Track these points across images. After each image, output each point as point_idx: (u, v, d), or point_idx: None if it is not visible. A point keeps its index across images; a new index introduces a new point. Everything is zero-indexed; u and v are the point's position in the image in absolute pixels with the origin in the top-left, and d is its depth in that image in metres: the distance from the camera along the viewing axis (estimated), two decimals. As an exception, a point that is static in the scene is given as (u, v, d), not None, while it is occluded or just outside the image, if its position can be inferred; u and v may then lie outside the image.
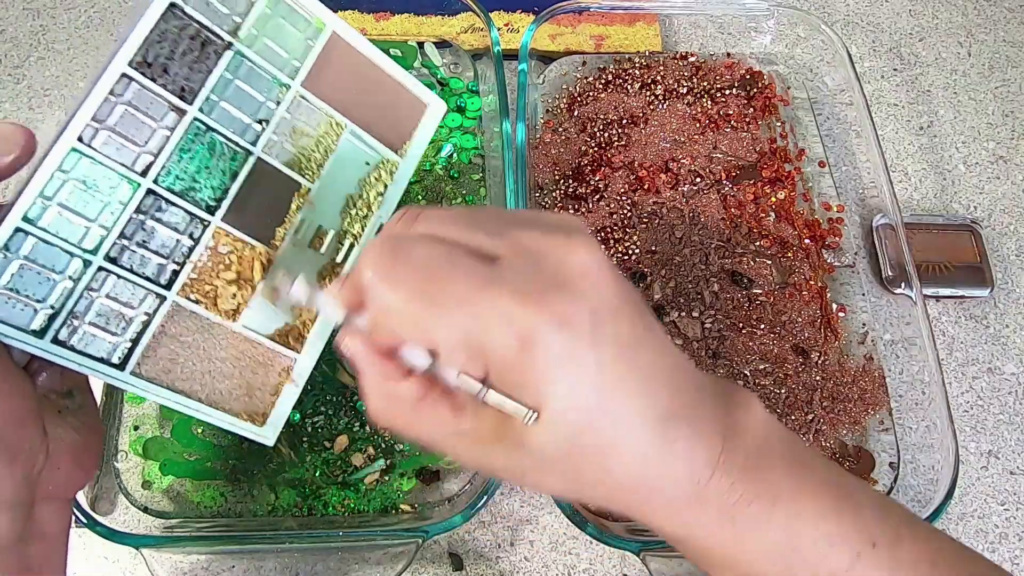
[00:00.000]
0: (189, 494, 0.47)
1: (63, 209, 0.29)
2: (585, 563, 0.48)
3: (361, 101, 0.36)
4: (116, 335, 0.30)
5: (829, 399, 0.51)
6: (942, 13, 0.72)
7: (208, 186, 0.32)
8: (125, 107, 0.30)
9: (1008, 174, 0.64)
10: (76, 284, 0.29)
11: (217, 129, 0.32)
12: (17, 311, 0.28)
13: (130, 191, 0.30)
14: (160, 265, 0.31)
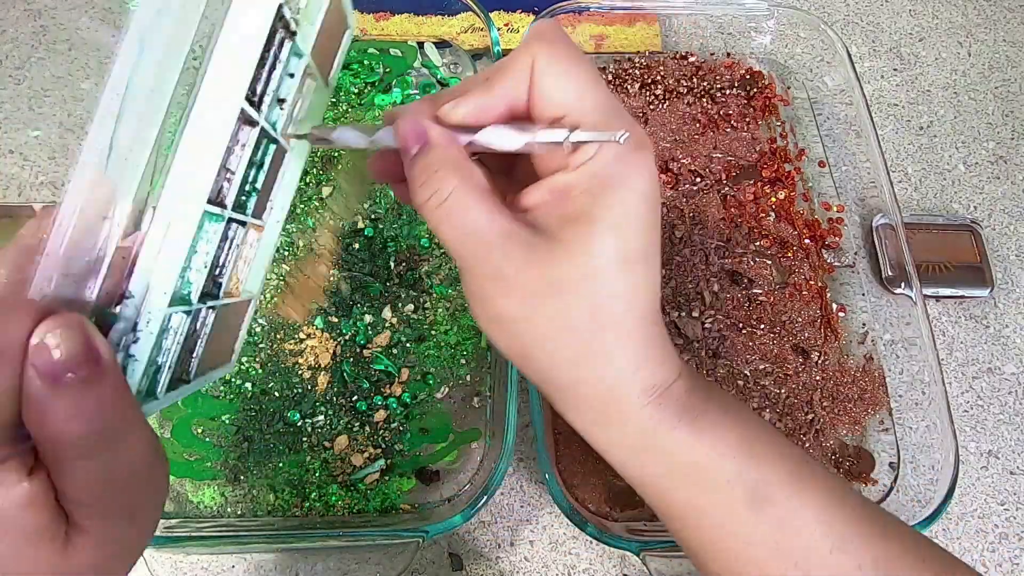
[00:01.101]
0: (189, 494, 0.47)
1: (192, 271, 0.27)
2: (585, 563, 0.48)
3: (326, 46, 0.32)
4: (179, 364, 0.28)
5: (829, 399, 0.51)
6: (942, 13, 0.72)
7: (253, 190, 0.30)
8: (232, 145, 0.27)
9: (1008, 174, 0.64)
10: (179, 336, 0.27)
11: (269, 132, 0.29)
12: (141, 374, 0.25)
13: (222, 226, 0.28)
14: (215, 280, 0.30)
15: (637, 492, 0.30)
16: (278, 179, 0.32)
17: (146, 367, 0.25)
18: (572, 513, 0.43)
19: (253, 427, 0.49)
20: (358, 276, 0.53)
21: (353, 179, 0.57)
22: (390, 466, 0.48)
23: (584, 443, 0.49)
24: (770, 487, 0.28)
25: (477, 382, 0.51)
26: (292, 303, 0.53)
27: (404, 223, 0.55)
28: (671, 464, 0.29)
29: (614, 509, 0.47)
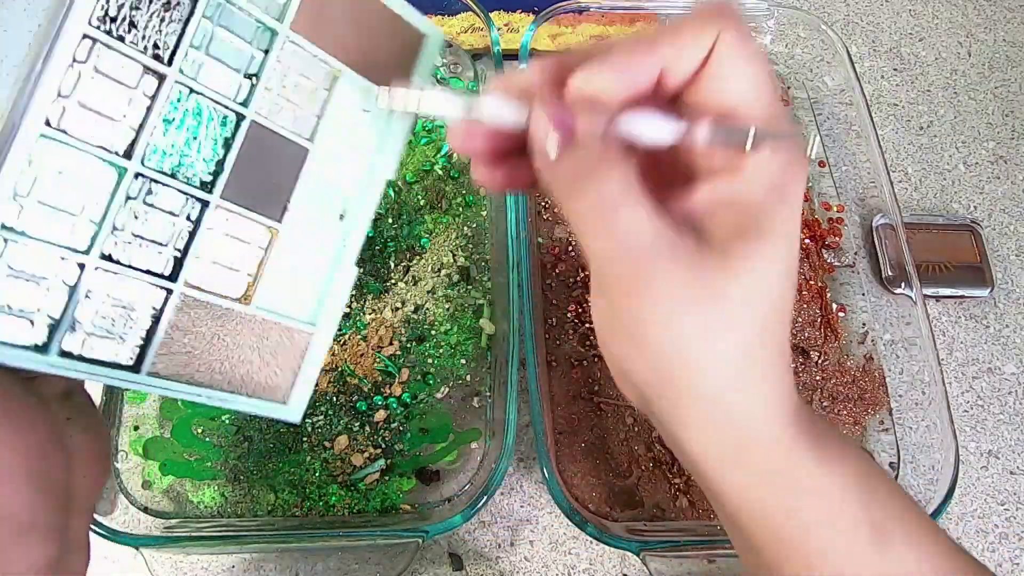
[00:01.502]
0: (189, 494, 0.47)
1: (42, 206, 0.25)
2: (585, 563, 0.48)
3: (356, 40, 0.31)
4: (125, 337, 0.28)
5: (829, 399, 0.51)
6: (942, 13, 0.72)
7: (200, 159, 0.28)
8: (92, 74, 0.25)
9: (1008, 174, 0.64)
10: (73, 289, 0.26)
11: (202, 92, 0.28)
12: (14, 328, 0.25)
13: (115, 177, 0.26)
14: (160, 255, 0.28)
15: (742, 530, 0.27)
16: (299, 179, 0.31)
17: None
18: (572, 513, 0.43)
19: (253, 427, 0.49)
20: (358, 276, 0.53)
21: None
22: (390, 466, 0.48)
23: (584, 443, 0.49)
24: (890, 524, 0.26)
25: (477, 382, 0.51)
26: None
27: (404, 223, 0.55)
28: (799, 496, 0.26)
29: (614, 509, 0.47)
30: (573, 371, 0.51)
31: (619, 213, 0.24)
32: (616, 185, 0.24)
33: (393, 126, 0.33)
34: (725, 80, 0.25)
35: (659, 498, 0.48)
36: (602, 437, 0.49)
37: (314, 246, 0.32)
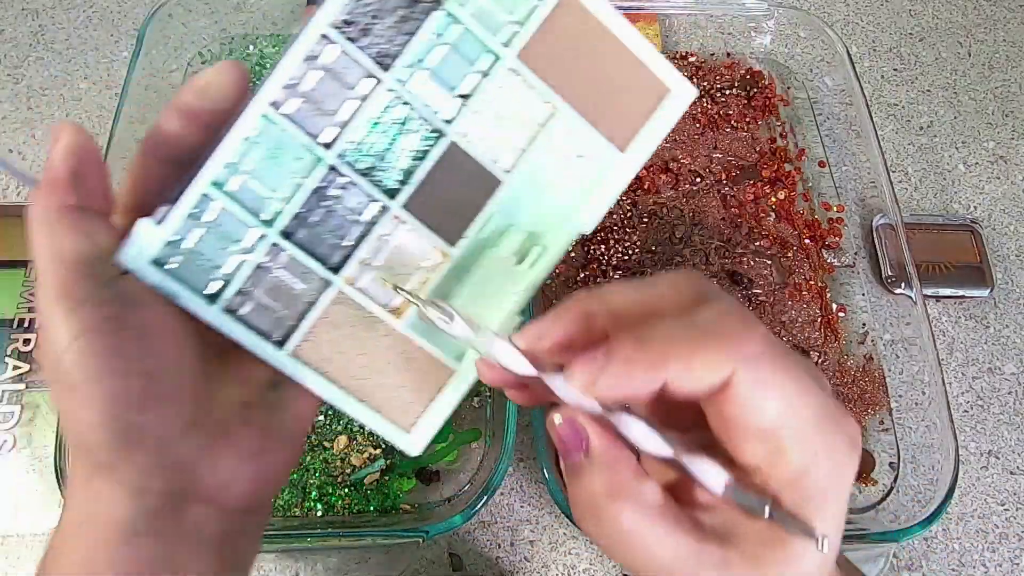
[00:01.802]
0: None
1: (250, 177, 0.27)
2: (585, 563, 0.48)
3: (585, 80, 0.30)
4: (280, 313, 0.28)
5: (829, 399, 0.51)
6: (942, 13, 0.72)
7: (395, 167, 0.29)
8: (323, 72, 0.27)
9: (1008, 174, 0.64)
10: (250, 255, 0.28)
11: (412, 103, 0.28)
12: (196, 275, 0.27)
13: (313, 165, 0.28)
14: (332, 246, 0.29)
15: None
16: (484, 210, 0.30)
17: (173, 242, 0.27)
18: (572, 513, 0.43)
19: (253, 427, 0.49)
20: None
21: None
22: (390, 466, 0.48)
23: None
24: None
25: (476, 382, 0.50)
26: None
27: (404, 223, 0.55)
28: None
29: (614, 509, 0.47)
30: (573, 371, 0.51)
31: (635, 538, 0.24)
32: (631, 513, 0.24)
33: (609, 179, 0.31)
34: (749, 419, 0.23)
35: (659, 498, 0.48)
36: (602, 437, 0.49)
37: (480, 283, 0.30)
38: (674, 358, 0.23)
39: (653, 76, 0.30)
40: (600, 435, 0.25)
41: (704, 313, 0.24)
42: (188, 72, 0.62)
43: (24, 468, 0.48)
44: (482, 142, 0.29)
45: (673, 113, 0.30)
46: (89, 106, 0.63)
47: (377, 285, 0.29)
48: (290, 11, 0.66)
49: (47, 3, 0.67)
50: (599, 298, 0.26)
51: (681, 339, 0.23)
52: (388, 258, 0.29)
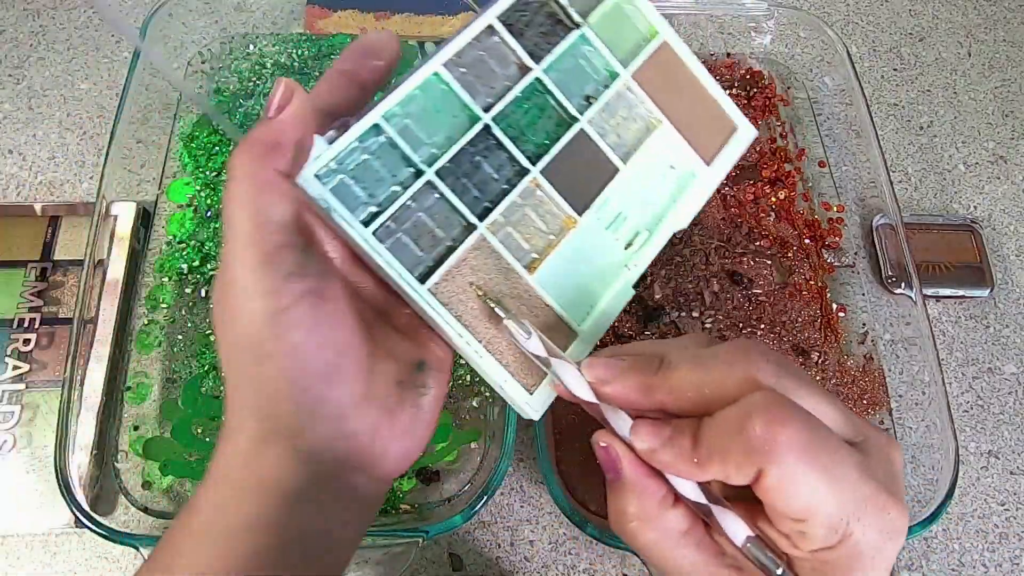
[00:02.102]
0: (189, 494, 0.47)
1: (413, 122, 0.31)
2: (585, 563, 0.48)
3: (680, 107, 0.37)
4: (423, 251, 0.31)
5: (829, 399, 0.51)
6: (942, 13, 0.72)
7: (532, 141, 0.34)
8: (483, 54, 0.33)
9: (1008, 174, 0.64)
10: (403, 191, 0.31)
11: (552, 92, 0.34)
12: (353, 197, 0.30)
13: (469, 124, 0.32)
14: (476, 199, 0.32)
15: None
16: (604, 191, 0.35)
17: (339, 167, 0.29)
18: (572, 513, 0.43)
19: (253, 427, 0.49)
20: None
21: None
22: (390, 466, 0.48)
23: (584, 443, 0.49)
24: None
25: (477, 382, 0.51)
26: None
27: (404, 223, 0.55)
28: None
29: (614, 509, 0.47)
30: (573, 371, 0.51)
31: (660, 554, 0.27)
32: (653, 535, 0.27)
33: (698, 186, 0.37)
34: (777, 502, 0.24)
35: (659, 498, 0.48)
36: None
37: (598, 256, 0.34)
38: (716, 461, 0.25)
39: (725, 114, 0.38)
40: (633, 464, 0.27)
41: (744, 409, 0.25)
42: (188, 72, 0.62)
43: (24, 468, 0.48)
44: (604, 136, 0.35)
45: (740, 146, 0.38)
46: (89, 106, 0.63)
47: (514, 239, 0.33)
48: (290, 11, 0.66)
49: (48, 3, 0.67)
50: (663, 377, 0.27)
51: (721, 446, 0.25)
52: (521, 218, 0.33)
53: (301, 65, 0.62)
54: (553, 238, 0.33)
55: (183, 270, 0.54)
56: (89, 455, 0.46)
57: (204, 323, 0.52)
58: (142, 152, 0.58)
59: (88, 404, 0.47)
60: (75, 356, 0.47)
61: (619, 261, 0.35)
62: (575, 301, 0.34)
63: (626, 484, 0.27)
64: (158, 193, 0.57)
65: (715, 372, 0.26)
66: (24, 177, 0.59)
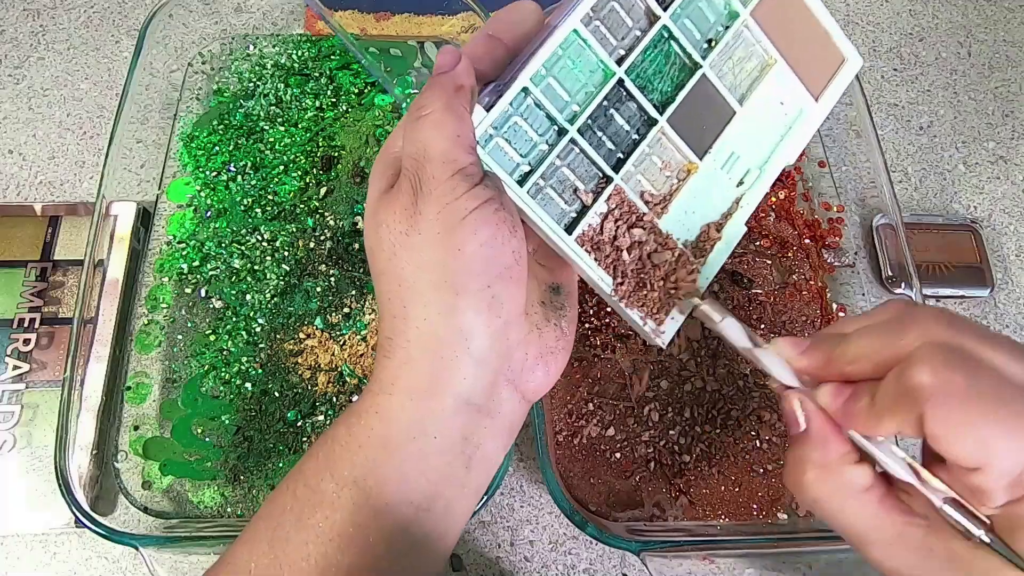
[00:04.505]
0: (189, 494, 0.47)
1: (555, 81, 0.33)
2: (585, 563, 0.48)
3: (793, 43, 0.38)
4: (567, 204, 0.33)
5: (829, 399, 0.51)
6: (942, 13, 0.72)
7: (658, 90, 0.35)
8: (616, 4, 0.34)
9: (1008, 174, 0.64)
10: (550, 149, 0.33)
11: (677, 39, 0.35)
12: (506, 160, 0.32)
13: (604, 78, 0.34)
14: (610, 151, 0.34)
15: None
16: (722, 134, 0.36)
17: (496, 127, 0.32)
18: (572, 513, 0.43)
19: (253, 427, 0.49)
20: (358, 276, 0.53)
21: (352, 180, 0.57)
22: (390, 466, 0.48)
23: (584, 443, 0.49)
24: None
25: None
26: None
27: (404, 223, 0.55)
28: None
29: (614, 509, 0.47)
30: (573, 371, 0.51)
31: (839, 509, 0.28)
32: (833, 488, 0.27)
33: (801, 122, 0.38)
34: (945, 452, 0.25)
35: (659, 498, 0.48)
36: (602, 437, 0.49)
37: (714, 195, 0.36)
38: (888, 413, 0.26)
39: (835, 46, 0.39)
40: (821, 419, 0.28)
41: (908, 361, 0.26)
42: (188, 72, 0.62)
43: (24, 468, 0.48)
44: (722, 79, 0.36)
45: (847, 77, 0.39)
46: (89, 106, 0.63)
47: (642, 185, 0.35)
48: (290, 11, 0.66)
49: (48, 3, 0.67)
50: (841, 350, 0.28)
51: (891, 398, 0.26)
52: (649, 165, 0.35)
53: (301, 65, 0.62)
54: (676, 182, 0.36)
55: (183, 270, 0.54)
56: (89, 455, 0.46)
57: (204, 323, 0.52)
58: (142, 152, 0.58)
59: (88, 404, 0.47)
60: (75, 356, 0.47)
61: (732, 198, 0.37)
62: (695, 239, 0.36)
63: (811, 436, 0.28)
64: (158, 193, 0.57)
65: (889, 338, 0.27)
66: (24, 177, 0.59)
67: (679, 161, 0.36)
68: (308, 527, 0.28)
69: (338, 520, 0.27)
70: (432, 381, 0.28)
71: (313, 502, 0.28)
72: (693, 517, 0.47)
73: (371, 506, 0.27)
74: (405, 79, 0.62)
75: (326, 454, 0.29)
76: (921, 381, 0.25)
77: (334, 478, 0.28)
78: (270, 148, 0.58)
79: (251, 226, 0.55)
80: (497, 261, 0.28)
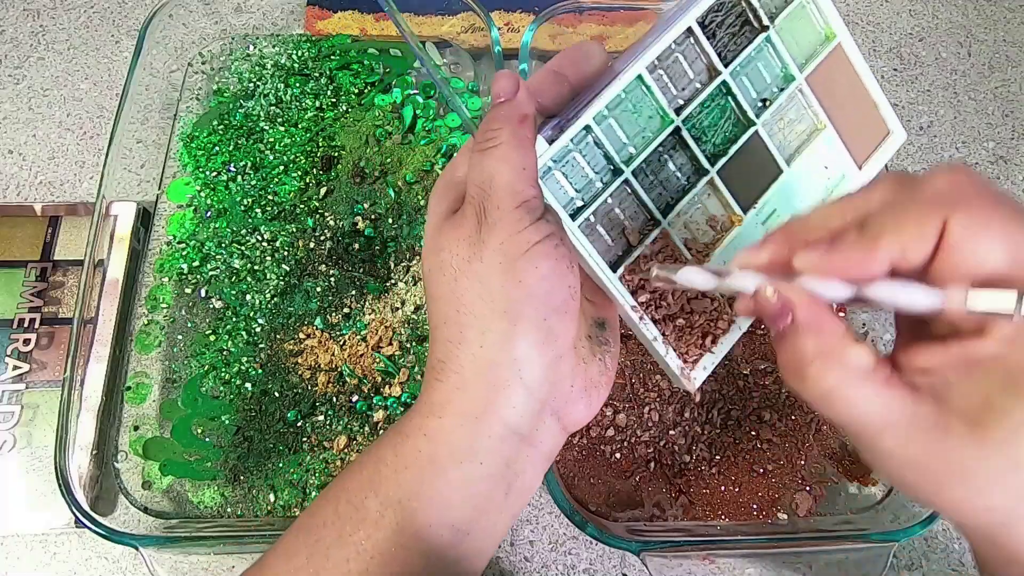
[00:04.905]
0: (189, 494, 0.47)
1: (615, 122, 0.34)
2: (585, 563, 0.48)
3: (842, 110, 0.39)
4: (613, 241, 0.34)
5: (829, 399, 0.51)
6: (942, 13, 0.72)
7: (712, 142, 0.36)
8: (679, 55, 0.35)
9: (1008, 174, 0.64)
10: (604, 187, 0.33)
11: (735, 95, 0.36)
12: (561, 193, 0.33)
13: (661, 124, 0.35)
14: (660, 195, 0.35)
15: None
16: (768, 190, 0.37)
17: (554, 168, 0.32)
18: (572, 513, 0.43)
19: (253, 427, 0.49)
20: (358, 276, 0.53)
21: (352, 180, 0.57)
22: (390, 466, 0.48)
23: (584, 443, 0.49)
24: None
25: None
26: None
27: (404, 223, 0.55)
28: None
29: (614, 509, 0.47)
30: (573, 371, 0.51)
31: (844, 397, 0.25)
32: (838, 374, 0.25)
33: (843, 187, 0.39)
34: (974, 260, 0.23)
35: (659, 498, 0.48)
36: (602, 437, 0.49)
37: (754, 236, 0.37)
38: (886, 233, 0.24)
39: (880, 118, 0.40)
40: (808, 305, 0.26)
41: (917, 184, 0.25)
42: (188, 72, 0.62)
43: (24, 468, 0.48)
44: (773, 138, 0.37)
45: (891, 149, 0.40)
46: (89, 106, 0.63)
47: (687, 232, 0.36)
48: (290, 11, 0.66)
49: (48, 3, 0.67)
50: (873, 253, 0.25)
51: (891, 212, 0.25)
52: (695, 214, 0.36)
53: (301, 65, 0.62)
54: (718, 233, 0.36)
55: (183, 270, 0.54)
56: (89, 455, 0.46)
57: (204, 323, 0.52)
58: (142, 152, 0.58)
59: (88, 404, 0.47)
60: (75, 356, 0.47)
61: None
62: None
63: (801, 327, 0.26)
64: (158, 193, 0.57)
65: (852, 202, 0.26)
66: (24, 177, 0.59)
67: (724, 213, 0.36)
68: (349, 544, 0.28)
69: (380, 539, 0.28)
70: (483, 407, 0.28)
71: (356, 519, 0.28)
72: (693, 517, 0.47)
73: (414, 527, 0.28)
74: (405, 79, 0.62)
75: (371, 473, 0.29)
76: (949, 185, 0.24)
77: (378, 497, 0.28)
78: (270, 148, 0.58)
79: (251, 226, 0.55)
80: (555, 295, 0.29)
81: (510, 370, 0.28)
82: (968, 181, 0.24)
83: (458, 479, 0.28)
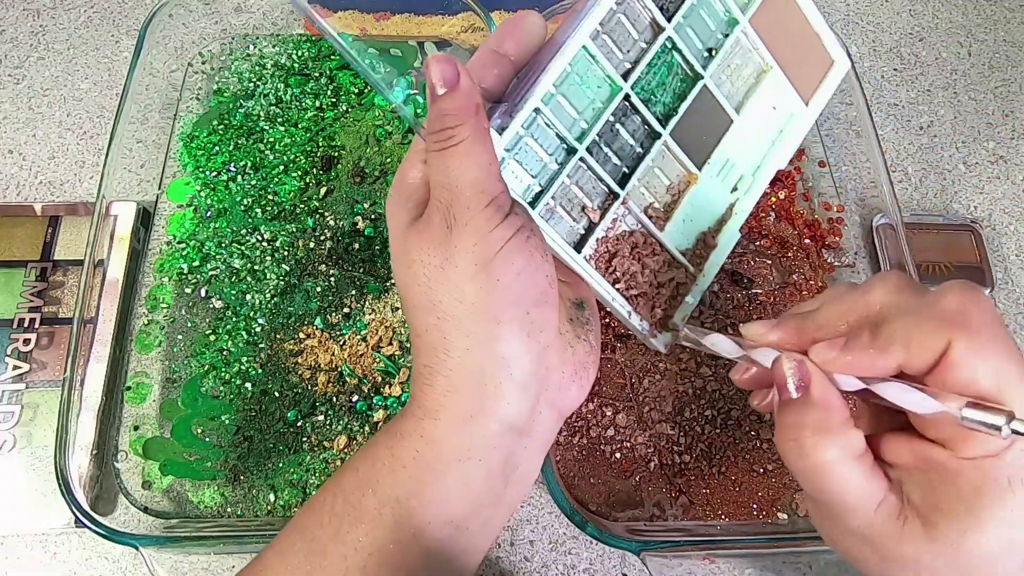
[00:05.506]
0: (189, 494, 0.47)
1: (563, 99, 0.32)
2: (585, 563, 0.48)
3: (786, 47, 0.38)
4: (575, 221, 0.33)
5: (829, 399, 0.51)
6: (942, 13, 0.72)
7: (661, 102, 0.35)
8: (621, 16, 0.34)
9: (1008, 174, 0.64)
10: (560, 168, 0.33)
11: (680, 50, 0.35)
12: (517, 182, 0.32)
13: (611, 93, 0.33)
14: (615, 166, 0.34)
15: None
16: (720, 144, 0.36)
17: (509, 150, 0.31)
18: (572, 513, 0.43)
19: (253, 427, 0.49)
20: (358, 276, 0.53)
21: (352, 180, 0.57)
22: (390, 466, 0.48)
23: (584, 443, 0.49)
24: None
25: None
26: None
27: (404, 223, 0.55)
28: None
29: (614, 509, 0.47)
30: (573, 371, 0.51)
31: (832, 473, 0.27)
32: (837, 452, 0.27)
33: (792, 126, 0.38)
34: (966, 376, 0.25)
35: (659, 498, 0.48)
36: (602, 437, 0.49)
37: (709, 204, 0.37)
38: (898, 344, 0.26)
39: (824, 49, 0.39)
40: (822, 382, 0.28)
41: (929, 299, 0.27)
42: (188, 72, 0.62)
43: (24, 468, 0.48)
44: (721, 88, 0.36)
45: (835, 79, 0.39)
46: (89, 106, 0.63)
47: (645, 199, 0.35)
48: (290, 11, 0.66)
49: (48, 3, 0.67)
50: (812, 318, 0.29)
51: (903, 323, 0.26)
52: (652, 178, 0.35)
53: (301, 65, 0.62)
54: (676, 194, 0.36)
55: (183, 270, 0.54)
56: (89, 455, 0.46)
57: (204, 323, 0.52)
58: (142, 152, 0.58)
59: (88, 404, 0.47)
60: (75, 356, 0.47)
61: (726, 205, 0.37)
62: (693, 247, 0.36)
63: (811, 400, 0.28)
64: (158, 193, 0.57)
65: (855, 301, 0.28)
66: (24, 177, 0.59)
67: (680, 173, 0.36)
68: (347, 541, 0.28)
69: (379, 536, 0.28)
70: (477, 408, 0.28)
71: (353, 517, 0.28)
72: (693, 517, 0.47)
73: (412, 524, 0.28)
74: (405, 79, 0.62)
75: (367, 471, 0.29)
76: (959, 307, 0.26)
77: (376, 495, 0.28)
78: (270, 148, 0.58)
79: (251, 226, 0.55)
80: (533, 287, 0.28)
81: (500, 370, 0.28)
82: (976, 309, 0.26)
83: (457, 477, 0.28)
